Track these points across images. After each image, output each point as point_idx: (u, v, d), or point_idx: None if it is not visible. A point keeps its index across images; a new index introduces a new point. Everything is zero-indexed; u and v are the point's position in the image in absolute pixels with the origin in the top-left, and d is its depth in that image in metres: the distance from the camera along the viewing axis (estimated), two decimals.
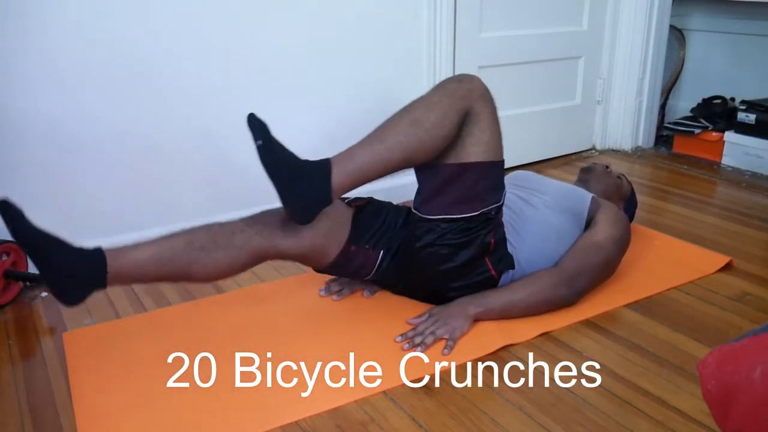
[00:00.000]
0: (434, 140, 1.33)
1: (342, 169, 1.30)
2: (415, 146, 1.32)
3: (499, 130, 1.40)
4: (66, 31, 1.61)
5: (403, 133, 1.31)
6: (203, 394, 1.24)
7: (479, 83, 1.38)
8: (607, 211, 1.60)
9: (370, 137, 1.34)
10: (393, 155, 1.32)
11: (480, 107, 1.36)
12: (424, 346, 1.37)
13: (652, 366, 1.31)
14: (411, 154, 1.33)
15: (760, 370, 0.65)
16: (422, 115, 1.32)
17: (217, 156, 1.91)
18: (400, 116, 1.35)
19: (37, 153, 1.65)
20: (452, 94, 1.34)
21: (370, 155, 1.31)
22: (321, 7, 1.96)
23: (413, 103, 1.36)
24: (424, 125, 1.31)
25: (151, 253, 1.28)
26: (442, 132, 1.32)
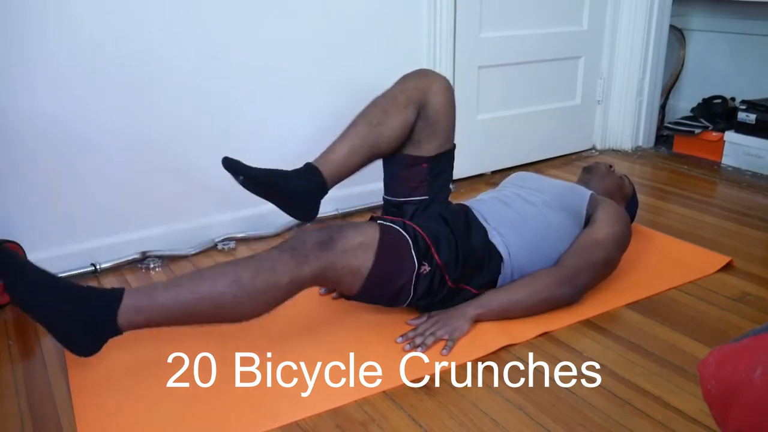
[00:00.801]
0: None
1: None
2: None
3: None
4: (66, 31, 1.61)
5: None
6: (203, 394, 1.24)
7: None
8: (607, 208, 1.60)
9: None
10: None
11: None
12: (425, 346, 1.36)
13: (653, 366, 1.31)
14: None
15: (760, 370, 0.65)
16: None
17: (217, 156, 1.90)
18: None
19: (36, 153, 1.65)
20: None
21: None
22: (320, 7, 1.96)
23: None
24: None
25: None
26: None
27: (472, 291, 1.45)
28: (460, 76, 2.33)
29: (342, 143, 1.53)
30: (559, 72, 2.64)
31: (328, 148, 1.54)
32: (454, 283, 1.41)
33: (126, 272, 1.77)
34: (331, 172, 1.51)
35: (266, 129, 1.97)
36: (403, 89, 1.56)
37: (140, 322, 1.20)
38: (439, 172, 1.61)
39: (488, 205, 1.58)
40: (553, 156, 2.75)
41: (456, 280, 1.41)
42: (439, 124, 1.57)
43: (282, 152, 1.98)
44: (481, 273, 1.45)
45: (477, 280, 1.45)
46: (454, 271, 1.40)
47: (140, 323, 1.20)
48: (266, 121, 1.97)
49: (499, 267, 1.47)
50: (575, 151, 2.84)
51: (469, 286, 1.44)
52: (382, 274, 1.33)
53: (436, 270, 1.38)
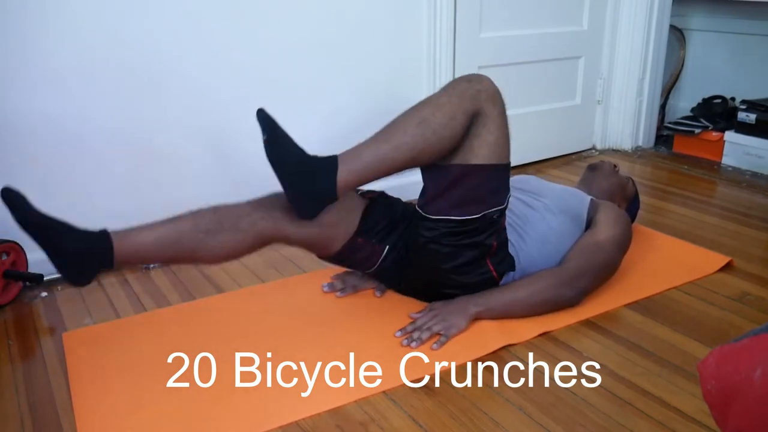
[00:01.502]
0: (441, 141, 1.33)
1: (348, 167, 1.31)
2: (422, 146, 1.32)
3: (507, 133, 1.40)
4: (65, 31, 1.61)
5: (410, 133, 1.31)
6: (203, 394, 1.24)
7: (489, 84, 1.37)
8: (608, 211, 1.60)
9: (377, 136, 1.34)
10: (399, 155, 1.32)
11: (489, 109, 1.35)
12: (420, 341, 1.37)
13: (653, 366, 1.31)
14: (417, 154, 1.33)
15: (760, 370, 0.65)
16: (430, 115, 1.32)
17: (216, 156, 1.91)
18: (408, 116, 1.34)
19: (35, 152, 1.65)
20: (461, 94, 1.33)
21: (377, 154, 1.32)
22: (320, 8, 1.96)
23: (422, 103, 1.36)
24: (431, 126, 1.31)
25: (157, 236, 1.29)
26: (448, 133, 1.32)
27: (493, 273, 1.45)
28: None
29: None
30: (559, 72, 2.64)
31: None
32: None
33: (126, 272, 1.77)
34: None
35: None
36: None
37: (354, 181, 1.32)
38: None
39: None
40: (553, 156, 2.75)
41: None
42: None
43: None
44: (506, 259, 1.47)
45: (503, 265, 1.47)
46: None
47: (354, 182, 1.32)
48: (275, 117, 1.96)
49: (512, 263, 1.48)
50: (575, 151, 2.84)
51: (493, 264, 1.45)
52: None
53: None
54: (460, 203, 1.38)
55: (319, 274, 1.70)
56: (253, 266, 1.76)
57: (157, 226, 1.31)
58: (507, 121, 1.40)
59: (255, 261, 1.78)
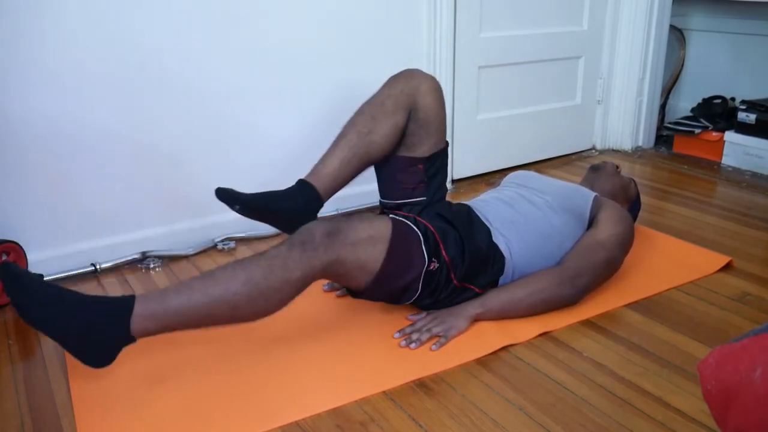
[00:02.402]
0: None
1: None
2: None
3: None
4: (63, 32, 1.61)
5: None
6: (203, 395, 1.24)
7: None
8: (610, 210, 1.60)
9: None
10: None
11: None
12: (419, 342, 1.37)
13: (653, 366, 1.31)
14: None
15: (760, 370, 0.65)
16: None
17: (215, 156, 1.91)
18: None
19: (34, 154, 1.64)
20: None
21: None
22: (319, 7, 1.96)
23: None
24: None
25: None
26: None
27: (475, 290, 1.45)
28: (460, 76, 2.33)
29: (333, 155, 1.52)
30: (559, 72, 2.64)
31: (320, 162, 1.53)
32: (459, 282, 1.41)
33: (126, 272, 1.77)
34: (325, 187, 1.51)
35: (265, 130, 1.97)
36: (390, 94, 1.54)
37: (153, 329, 1.18)
38: (435, 173, 1.61)
39: (490, 206, 1.58)
40: (553, 156, 2.75)
41: (461, 278, 1.41)
42: (432, 125, 1.56)
43: (282, 153, 1.98)
44: (486, 272, 1.45)
45: (481, 279, 1.45)
46: (460, 269, 1.40)
47: (153, 330, 1.18)
48: (265, 122, 1.96)
49: (502, 267, 1.47)
50: (575, 151, 2.84)
51: (474, 285, 1.44)
52: (393, 268, 1.32)
53: (444, 267, 1.38)
54: (395, 290, 1.38)
55: None
56: None
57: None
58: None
59: None
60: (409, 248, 1.35)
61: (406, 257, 1.34)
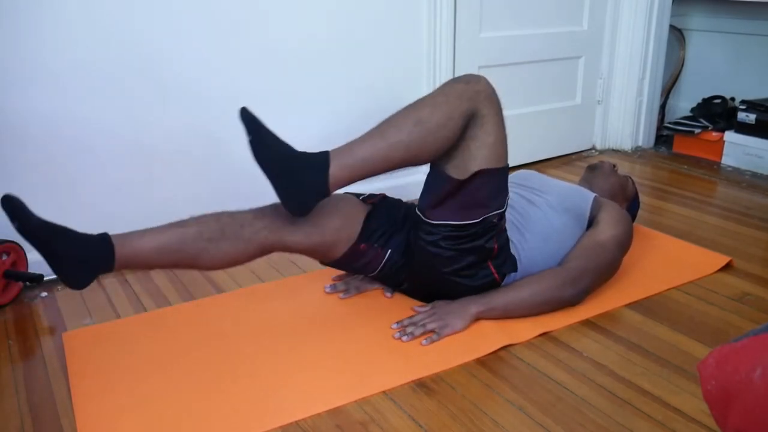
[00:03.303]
0: (437, 141, 1.31)
1: (340, 162, 1.29)
2: (417, 146, 1.30)
3: (504, 134, 1.38)
4: (63, 32, 1.61)
5: (406, 131, 1.29)
6: (203, 394, 1.24)
7: (486, 85, 1.36)
8: (610, 210, 1.60)
9: (372, 132, 1.32)
10: (394, 153, 1.30)
11: (486, 109, 1.33)
12: (411, 336, 1.39)
13: (653, 366, 1.31)
14: (413, 153, 1.31)
15: (760, 370, 0.65)
16: (427, 114, 1.30)
17: (215, 156, 1.91)
18: (404, 114, 1.32)
19: (34, 154, 1.65)
20: (459, 95, 1.32)
21: (371, 151, 1.30)
22: (319, 7, 1.96)
23: (419, 102, 1.34)
24: (428, 125, 1.29)
25: (159, 242, 1.29)
26: (445, 133, 1.31)
27: (495, 275, 1.46)
28: None
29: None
30: (559, 72, 2.64)
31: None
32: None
33: (126, 272, 1.77)
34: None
35: None
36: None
37: (345, 178, 1.29)
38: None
39: None
40: (553, 156, 2.75)
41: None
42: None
43: None
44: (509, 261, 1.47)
45: (506, 267, 1.47)
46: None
47: (346, 180, 1.30)
48: (265, 122, 1.96)
49: (515, 263, 1.48)
50: (575, 151, 2.84)
51: (494, 265, 1.45)
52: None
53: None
54: (461, 208, 1.38)
55: (319, 275, 1.70)
56: (253, 266, 1.76)
57: (159, 232, 1.30)
58: (504, 123, 1.38)
59: (255, 261, 1.77)
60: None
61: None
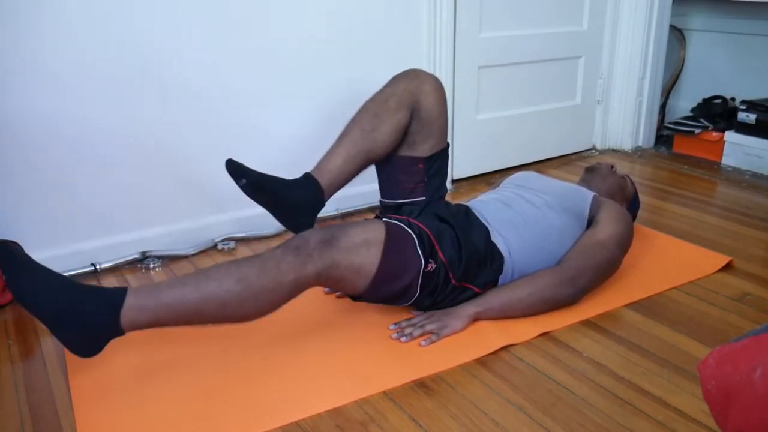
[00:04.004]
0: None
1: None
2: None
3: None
4: (63, 32, 1.61)
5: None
6: (203, 395, 1.24)
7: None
8: (610, 209, 1.60)
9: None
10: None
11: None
12: (410, 337, 1.39)
13: (653, 366, 1.31)
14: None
15: (760, 370, 0.65)
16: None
17: (216, 156, 1.90)
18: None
19: (34, 154, 1.64)
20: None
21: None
22: (319, 7, 1.96)
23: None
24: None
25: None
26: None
27: (475, 290, 1.45)
28: (460, 76, 2.33)
29: (337, 152, 1.53)
30: (559, 72, 2.64)
31: (324, 158, 1.54)
32: (458, 281, 1.41)
33: (126, 272, 1.77)
34: (329, 183, 1.52)
35: (266, 130, 1.97)
36: (393, 92, 1.55)
37: (143, 322, 1.18)
38: (434, 172, 1.61)
39: (489, 206, 1.58)
40: (553, 156, 2.75)
41: (460, 278, 1.41)
42: (434, 125, 1.58)
43: (282, 153, 1.98)
44: (484, 271, 1.45)
45: (480, 278, 1.45)
46: (457, 269, 1.40)
47: (143, 323, 1.19)
48: (266, 122, 1.97)
49: (501, 266, 1.47)
50: (575, 151, 2.84)
51: (473, 284, 1.44)
52: (389, 271, 1.32)
53: (441, 268, 1.38)
54: (394, 293, 1.37)
55: None
56: None
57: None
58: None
59: None
60: (405, 250, 1.35)
61: (402, 259, 1.34)
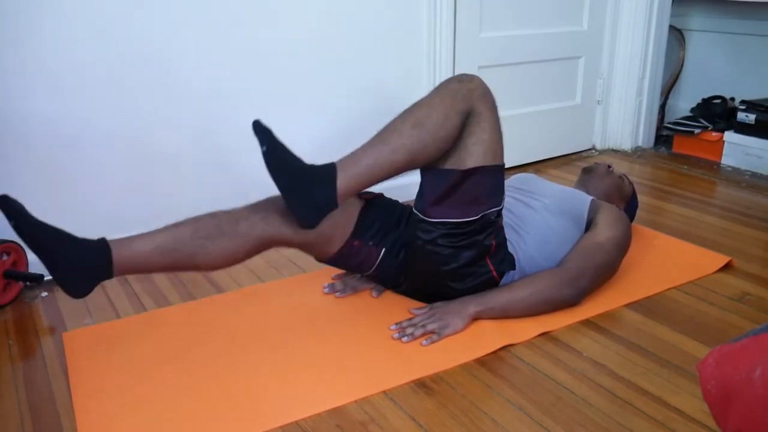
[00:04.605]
0: (437, 141, 1.33)
1: (347, 173, 1.31)
2: (419, 148, 1.33)
3: (499, 131, 1.40)
4: (63, 32, 1.61)
5: (406, 135, 1.32)
6: (203, 394, 1.24)
7: (480, 83, 1.38)
8: (608, 212, 1.60)
9: (374, 140, 1.35)
10: (397, 158, 1.32)
11: (481, 107, 1.36)
12: (412, 337, 1.39)
13: (653, 366, 1.31)
14: (415, 156, 1.33)
15: (760, 370, 0.65)
16: (424, 116, 1.33)
17: (216, 156, 1.91)
18: (402, 118, 1.35)
19: (34, 154, 1.64)
20: (453, 94, 1.35)
21: (375, 158, 1.32)
22: (320, 8, 1.96)
23: (416, 104, 1.37)
24: (427, 126, 1.32)
25: (156, 244, 1.29)
26: (444, 133, 1.33)
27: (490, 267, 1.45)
28: None
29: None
30: (559, 72, 2.64)
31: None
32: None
33: None
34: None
35: None
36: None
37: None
38: None
39: None
40: (553, 156, 2.75)
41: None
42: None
43: None
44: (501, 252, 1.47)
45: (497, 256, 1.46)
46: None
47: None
48: (266, 123, 1.96)
49: (513, 262, 1.48)
50: (575, 151, 2.84)
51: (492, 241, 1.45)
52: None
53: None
54: (458, 206, 1.39)
55: (319, 275, 1.70)
56: (253, 266, 1.76)
57: (155, 234, 1.31)
58: (499, 121, 1.40)
59: (255, 261, 1.76)
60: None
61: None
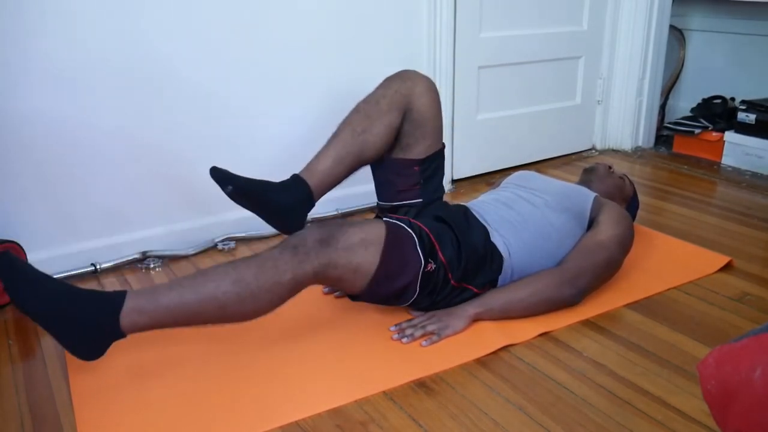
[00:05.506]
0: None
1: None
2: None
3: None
4: (65, 31, 1.61)
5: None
6: (203, 394, 1.24)
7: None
8: (611, 210, 1.60)
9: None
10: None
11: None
12: (411, 337, 1.38)
13: (653, 366, 1.31)
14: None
15: (760, 370, 0.65)
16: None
17: (215, 155, 1.90)
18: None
19: (36, 153, 1.64)
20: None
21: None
22: (319, 7, 1.96)
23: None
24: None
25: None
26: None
27: (474, 290, 1.45)
28: (460, 76, 2.33)
29: (327, 153, 1.52)
30: (559, 72, 2.64)
31: (314, 159, 1.53)
32: (457, 282, 1.41)
33: (126, 272, 1.77)
34: (318, 184, 1.50)
35: (266, 131, 1.97)
36: (385, 93, 1.54)
37: (143, 324, 1.19)
38: (431, 174, 1.61)
39: (488, 206, 1.58)
40: (553, 156, 2.75)
41: (459, 278, 1.41)
42: (427, 126, 1.56)
43: (283, 153, 1.98)
44: (484, 272, 1.45)
45: (479, 278, 1.45)
46: (457, 270, 1.40)
47: (143, 326, 1.19)
48: (266, 123, 1.97)
49: (500, 266, 1.47)
50: (575, 151, 2.84)
51: (472, 285, 1.44)
52: (388, 271, 1.32)
53: (440, 268, 1.38)
54: (391, 297, 1.39)
55: None
56: None
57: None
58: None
59: None
60: (404, 250, 1.34)
61: (402, 259, 1.34)
